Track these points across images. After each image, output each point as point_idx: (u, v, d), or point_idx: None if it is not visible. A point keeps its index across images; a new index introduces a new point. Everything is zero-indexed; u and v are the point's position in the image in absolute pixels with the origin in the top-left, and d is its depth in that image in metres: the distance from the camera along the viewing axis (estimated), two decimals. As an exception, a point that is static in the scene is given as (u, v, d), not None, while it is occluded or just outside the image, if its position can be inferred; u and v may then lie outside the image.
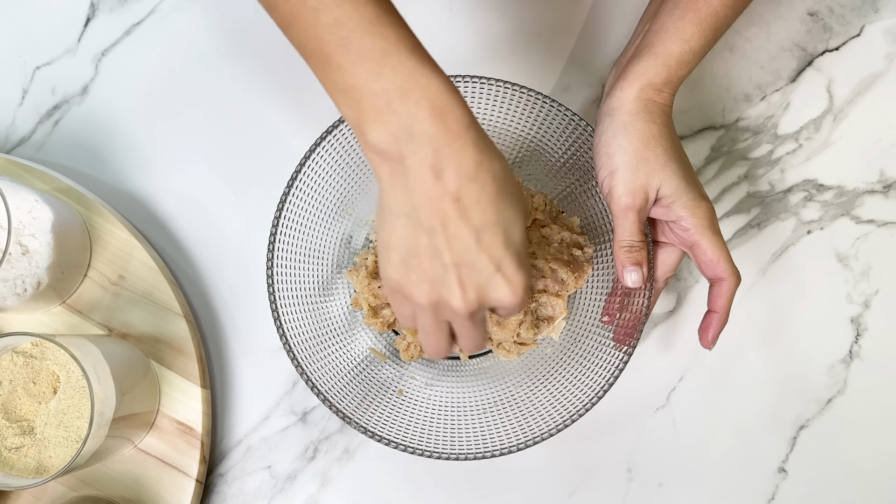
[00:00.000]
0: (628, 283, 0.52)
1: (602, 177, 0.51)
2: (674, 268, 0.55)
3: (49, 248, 0.54)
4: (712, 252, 0.51)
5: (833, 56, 0.66)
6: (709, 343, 0.53)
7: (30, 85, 0.65)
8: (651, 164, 0.49)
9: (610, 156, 0.50)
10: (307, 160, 0.54)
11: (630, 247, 0.51)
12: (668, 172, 0.50)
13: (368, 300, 0.58)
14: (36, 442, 0.52)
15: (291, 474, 0.61)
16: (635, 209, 0.50)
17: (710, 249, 0.51)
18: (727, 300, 0.52)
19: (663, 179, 0.50)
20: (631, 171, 0.49)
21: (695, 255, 0.52)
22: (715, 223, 0.51)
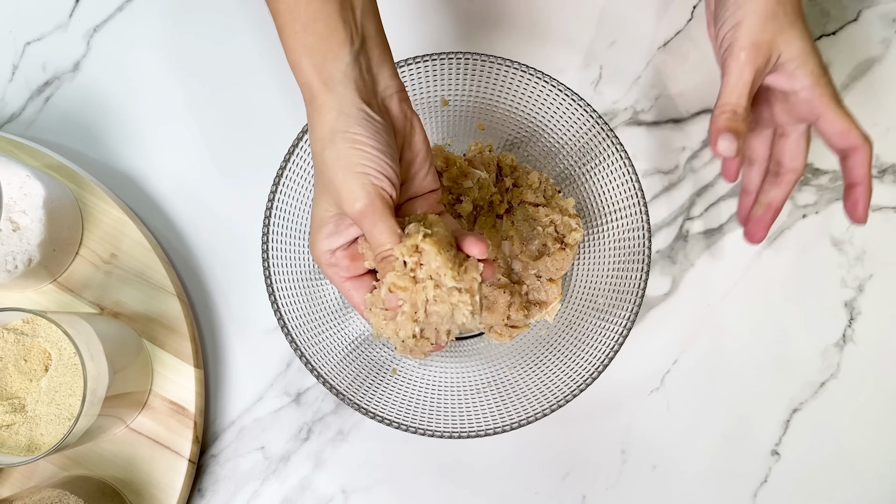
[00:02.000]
0: (719, 150, 0.47)
1: (725, 30, 0.46)
2: (804, 155, 0.50)
3: (40, 224, 0.53)
4: (842, 123, 0.47)
5: (830, 40, 0.66)
6: (861, 217, 0.50)
7: (20, 61, 0.64)
8: (780, 21, 0.45)
9: (739, 5, 0.46)
10: (301, 140, 0.54)
11: (734, 112, 0.46)
12: (796, 32, 0.46)
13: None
14: (27, 419, 0.51)
15: (285, 455, 0.61)
16: (755, 67, 0.46)
17: (839, 120, 0.47)
18: (867, 168, 0.48)
19: (790, 39, 0.46)
20: (760, 23, 0.45)
21: (821, 128, 0.48)
22: (837, 92, 0.47)
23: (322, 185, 0.43)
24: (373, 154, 0.41)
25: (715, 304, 0.62)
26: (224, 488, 0.60)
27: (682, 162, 0.64)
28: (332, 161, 0.41)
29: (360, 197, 0.41)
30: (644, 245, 0.53)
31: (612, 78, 0.65)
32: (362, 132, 0.41)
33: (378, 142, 0.41)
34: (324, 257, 0.46)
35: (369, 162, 0.41)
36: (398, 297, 0.42)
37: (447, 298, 0.42)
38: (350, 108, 0.41)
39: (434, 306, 0.42)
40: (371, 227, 0.41)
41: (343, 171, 0.41)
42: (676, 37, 0.65)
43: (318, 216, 0.44)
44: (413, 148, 0.46)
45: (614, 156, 0.54)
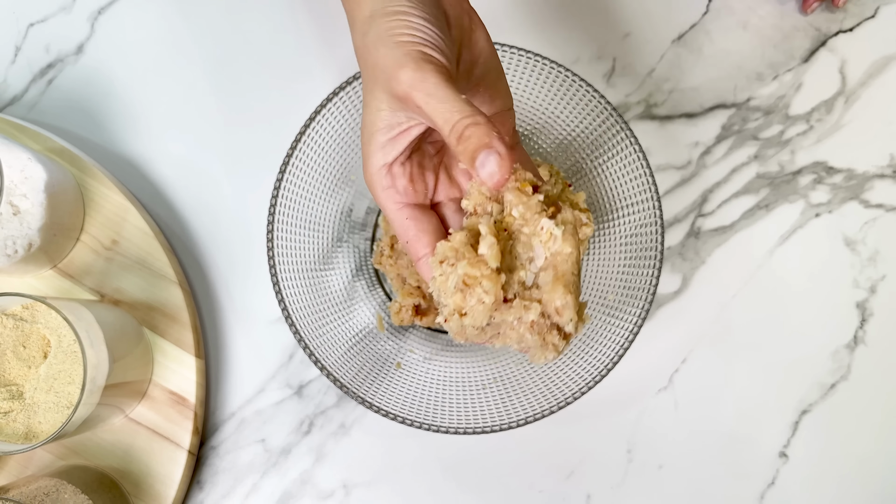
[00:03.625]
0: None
1: None
2: None
3: (41, 208, 0.52)
4: None
5: (847, 37, 0.65)
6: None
7: (23, 42, 0.63)
8: None
9: None
10: (307, 128, 0.53)
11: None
12: None
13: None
14: (25, 407, 0.50)
15: (286, 448, 0.60)
16: None
17: None
18: None
19: None
20: None
21: None
22: None
23: (369, 78, 0.37)
24: (416, 22, 0.35)
25: (725, 303, 0.61)
26: (223, 481, 0.59)
27: (694, 157, 0.63)
28: (373, 41, 0.35)
29: (405, 65, 0.34)
30: (657, 241, 0.52)
31: (626, 70, 0.64)
32: (403, 2, 0.35)
33: (422, 10, 0.35)
34: (378, 177, 0.39)
35: (412, 30, 0.35)
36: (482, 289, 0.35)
37: (544, 332, 0.36)
38: None
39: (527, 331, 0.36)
40: (426, 99, 0.34)
41: (385, 45, 0.35)
42: (691, 30, 0.64)
43: (368, 121, 0.38)
44: (475, 45, 0.39)
45: (628, 149, 0.53)
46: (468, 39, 0.39)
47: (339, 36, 0.64)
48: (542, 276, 0.36)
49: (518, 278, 0.36)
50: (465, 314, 0.35)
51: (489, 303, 0.34)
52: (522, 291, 0.36)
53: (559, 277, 0.35)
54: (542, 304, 0.35)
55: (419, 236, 0.38)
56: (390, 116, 0.37)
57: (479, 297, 0.35)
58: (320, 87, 0.63)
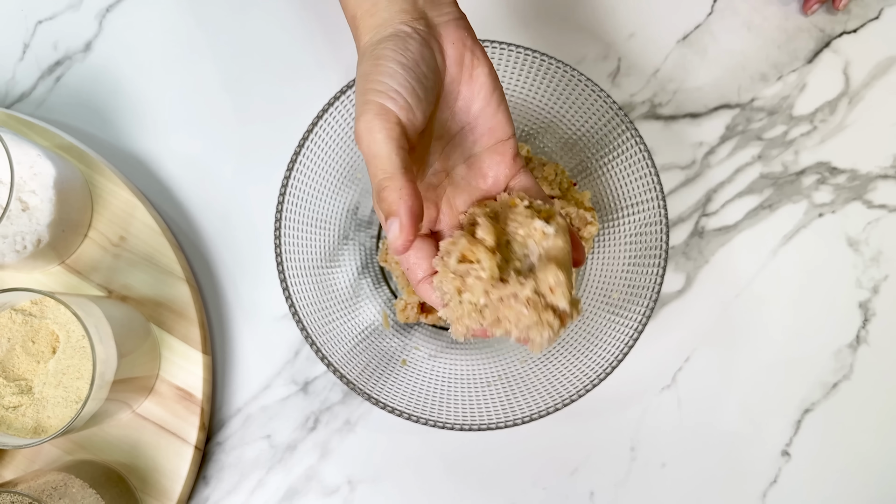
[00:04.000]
0: None
1: None
2: None
3: (50, 204, 0.53)
4: None
5: (850, 38, 0.65)
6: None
7: (31, 39, 0.64)
8: None
9: None
10: (315, 126, 0.53)
11: None
12: None
13: None
14: (34, 402, 0.50)
15: (291, 444, 0.60)
16: None
17: None
18: None
19: None
20: None
21: None
22: None
23: None
24: (390, 68, 0.36)
25: (729, 302, 0.62)
26: (229, 476, 0.60)
27: (699, 157, 0.63)
28: (358, 76, 0.38)
29: (362, 114, 0.36)
30: (661, 240, 0.53)
31: (631, 70, 0.64)
32: (388, 46, 0.37)
33: (403, 56, 0.37)
34: None
35: (384, 77, 0.36)
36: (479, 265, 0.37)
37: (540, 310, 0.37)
38: (385, 29, 0.38)
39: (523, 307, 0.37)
40: (367, 148, 0.36)
41: (359, 88, 0.37)
42: (696, 30, 0.65)
43: None
44: (475, 81, 0.40)
45: (633, 149, 0.53)
46: (468, 76, 0.40)
47: (346, 35, 0.64)
48: (539, 259, 0.38)
49: (514, 266, 0.38)
50: (462, 291, 0.37)
51: (486, 276, 0.36)
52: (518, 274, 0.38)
53: (552, 259, 0.37)
54: (536, 282, 0.37)
55: (418, 263, 0.40)
56: None
57: (476, 274, 0.37)
58: (327, 85, 0.63)
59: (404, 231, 0.35)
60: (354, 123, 0.37)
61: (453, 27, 0.40)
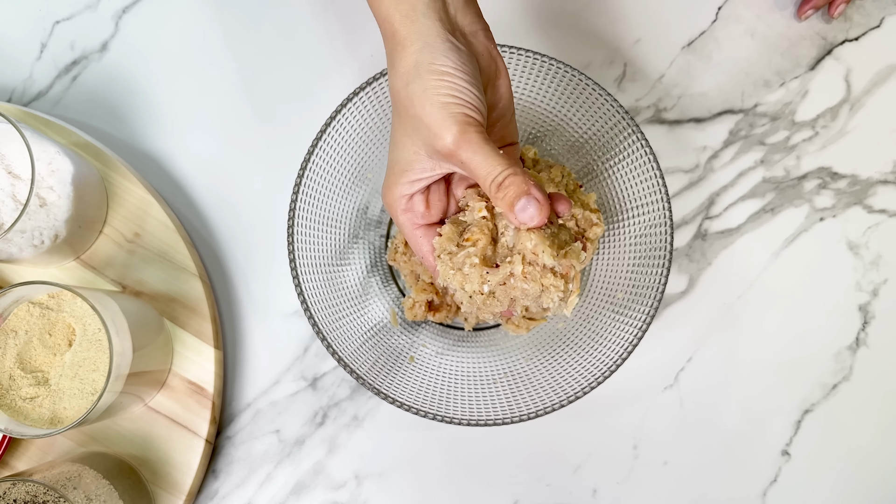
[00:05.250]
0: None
1: None
2: None
3: (68, 200, 0.54)
4: None
5: (852, 46, 0.66)
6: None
7: (48, 39, 0.65)
8: None
9: None
10: (328, 126, 0.54)
11: None
12: None
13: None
14: (51, 393, 0.51)
15: (299, 439, 0.61)
16: None
17: None
18: None
19: None
20: None
21: None
22: None
23: (407, 124, 0.41)
24: (460, 84, 0.39)
25: (731, 304, 0.63)
26: (238, 470, 0.61)
27: (702, 161, 0.64)
28: (418, 95, 0.39)
29: (450, 127, 0.38)
30: (666, 242, 0.54)
31: (636, 75, 0.65)
32: (449, 62, 0.39)
33: (465, 72, 0.39)
34: (399, 203, 0.44)
35: (457, 92, 0.39)
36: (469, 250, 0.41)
37: (538, 278, 0.40)
38: (434, 40, 0.40)
39: (523, 283, 0.40)
40: (470, 157, 0.39)
41: (430, 103, 0.39)
42: (701, 37, 0.66)
43: (402, 159, 0.43)
44: (497, 91, 0.43)
45: (638, 152, 0.54)
46: (493, 85, 0.43)
47: (360, 37, 0.65)
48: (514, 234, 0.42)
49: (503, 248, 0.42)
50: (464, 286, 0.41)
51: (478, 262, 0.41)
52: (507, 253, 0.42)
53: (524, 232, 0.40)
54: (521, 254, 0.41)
55: (429, 248, 0.45)
56: (425, 164, 0.42)
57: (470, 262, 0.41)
58: (340, 87, 0.64)
59: (544, 204, 0.39)
60: (440, 137, 0.39)
61: (482, 37, 0.42)
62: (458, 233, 0.44)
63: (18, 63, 0.64)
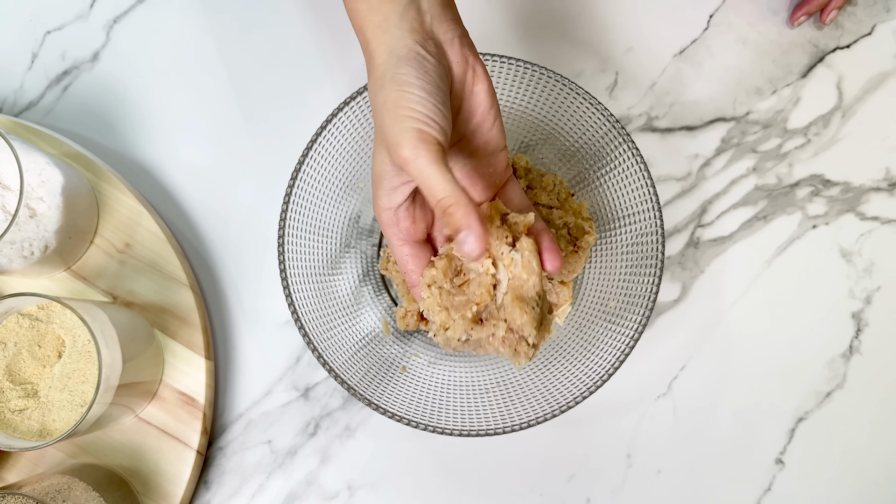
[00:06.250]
0: None
1: None
2: None
3: (58, 211, 0.54)
4: None
5: (844, 53, 0.66)
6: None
7: (40, 49, 0.65)
8: None
9: None
10: (318, 136, 0.54)
11: None
12: None
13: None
14: (40, 405, 0.51)
15: (291, 449, 0.61)
16: None
17: None
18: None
19: None
20: None
21: None
22: None
23: (377, 135, 0.41)
24: (418, 95, 0.39)
25: (724, 312, 0.63)
26: (230, 481, 0.60)
27: (694, 169, 0.64)
28: (381, 106, 0.40)
29: (403, 141, 0.38)
30: (657, 250, 0.54)
31: (628, 84, 0.65)
32: (410, 72, 0.39)
33: (427, 82, 0.39)
34: (386, 215, 0.44)
35: (415, 104, 0.39)
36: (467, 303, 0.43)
37: (514, 344, 0.42)
38: (401, 50, 0.40)
39: (500, 345, 0.43)
40: (418, 173, 0.38)
41: (390, 115, 0.39)
42: (692, 45, 0.66)
43: (375, 170, 0.43)
44: (476, 98, 0.43)
45: (629, 161, 0.54)
46: (470, 93, 0.43)
47: (350, 47, 0.65)
48: (506, 298, 0.43)
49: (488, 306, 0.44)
50: (447, 328, 0.43)
51: (469, 317, 0.43)
52: (493, 312, 0.43)
53: (516, 300, 0.42)
54: (507, 322, 0.42)
55: (416, 269, 0.45)
56: (394, 173, 0.42)
57: (462, 314, 0.43)
58: (331, 96, 0.64)
59: (481, 239, 0.39)
60: (394, 150, 0.39)
61: (458, 45, 0.42)
62: (451, 269, 0.45)
63: (9, 73, 0.64)
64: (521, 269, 0.42)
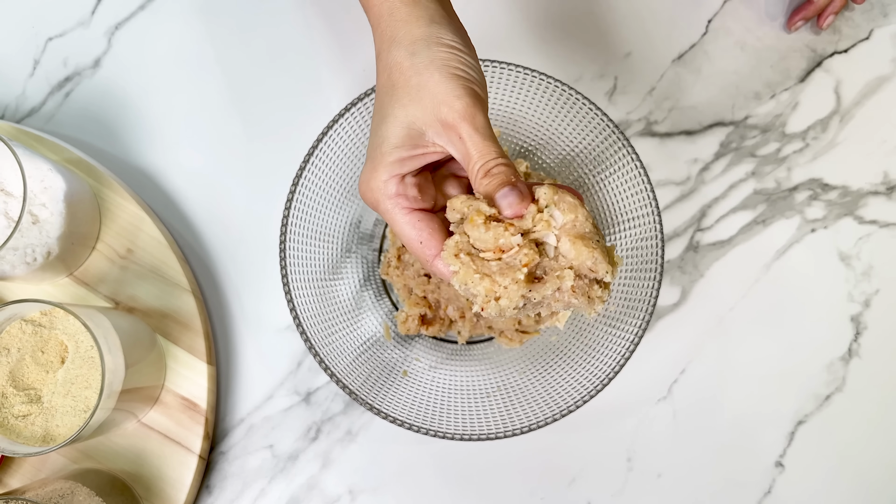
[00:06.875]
0: None
1: None
2: None
3: (61, 217, 0.54)
4: None
5: (842, 58, 0.66)
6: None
7: (41, 56, 0.65)
8: None
9: None
10: (320, 142, 0.54)
11: None
12: None
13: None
14: (43, 411, 0.51)
15: (293, 454, 0.61)
16: None
17: None
18: None
19: None
20: None
21: None
22: None
23: (404, 94, 0.40)
24: (470, 61, 0.39)
25: (723, 316, 0.63)
26: (232, 485, 0.60)
27: (693, 173, 0.65)
28: (426, 64, 0.39)
29: (461, 97, 0.38)
30: (657, 255, 0.54)
31: (627, 88, 0.66)
32: (458, 39, 0.40)
33: (472, 51, 0.40)
34: (386, 187, 0.41)
35: (467, 67, 0.39)
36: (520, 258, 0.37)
37: (586, 291, 0.38)
38: (441, 19, 0.41)
39: (571, 297, 0.38)
40: (471, 133, 0.38)
41: (440, 72, 0.39)
42: (691, 50, 0.66)
43: (392, 134, 0.40)
44: None
45: (629, 165, 0.55)
46: None
47: (352, 52, 0.65)
48: (562, 244, 0.38)
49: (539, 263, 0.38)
50: (498, 298, 0.37)
51: (522, 279, 0.37)
52: (550, 265, 0.38)
53: (577, 240, 0.37)
54: (574, 269, 0.38)
55: (433, 235, 0.40)
56: (417, 135, 0.40)
57: (512, 278, 0.37)
58: (332, 101, 0.65)
59: (526, 196, 0.38)
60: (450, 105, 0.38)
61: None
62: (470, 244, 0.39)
63: (11, 80, 0.65)
64: (564, 215, 0.38)
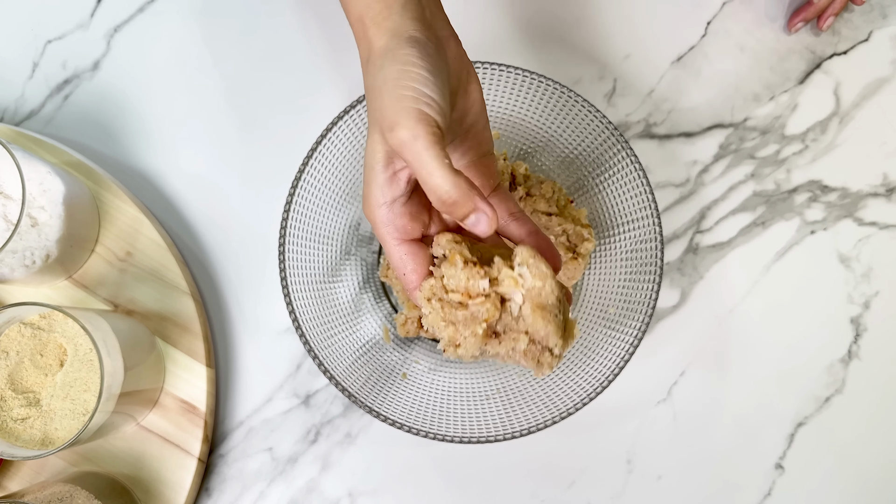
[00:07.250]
0: None
1: None
2: None
3: (60, 220, 0.54)
4: None
5: (841, 60, 0.66)
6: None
7: (40, 59, 0.65)
8: None
9: None
10: (318, 145, 0.54)
11: None
12: None
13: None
14: (42, 414, 0.51)
15: (292, 457, 0.61)
16: None
17: None
18: None
19: None
20: None
21: None
22: None
23: (371, 120, 0.39)
24: (421, 76, 0.37)
25: (723, 318, 0.63)
26: (231, 488, 0.60)
27: (693, 175, 0.65)
28: (380, 86, 0.37)
29: (402, 121, 0.36)
30: (656, 257, 0.54)
31: (626, 91, 0.65)
32: (413, 52, 0.38)
33: (430, 64, 0.37)
34: (379, 212, 0.40)
35: (417, 83, 0.37)
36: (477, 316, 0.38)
37: (537, 356, 0.39)
38: (403, 32, 0.38)
39: (522, 359, 0.39)
40: (415, 157, 0.36)
41: (388, 94, 0.37)
42: (690, 52, 0.66)
43: (368, 161, 0.39)
44: (470, 96, 0.42)
45: (629, 167, 0.55)
46: (464, 90, 0.42)
47: (350, 55, 0.65)
48: (524, 309, 0.39)
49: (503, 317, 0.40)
50: (458, 345, 0.39)
51: (480, 334, 0.38)
52: (510, 324, 0.40)
53: (537, 309, 0.38)
54: (528, 334, 0.39)
55: (416, 269, 0.41)
56: (388, 160, 0.39)
57: (472, 330, 0.39)
58: (331, 104, 0.65)
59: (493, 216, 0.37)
60: (391, 130, 0.36)
61: (454, 43, 0.42)
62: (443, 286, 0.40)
63: (10, 82, 0.65)
64: (532, 279, 0.38)
